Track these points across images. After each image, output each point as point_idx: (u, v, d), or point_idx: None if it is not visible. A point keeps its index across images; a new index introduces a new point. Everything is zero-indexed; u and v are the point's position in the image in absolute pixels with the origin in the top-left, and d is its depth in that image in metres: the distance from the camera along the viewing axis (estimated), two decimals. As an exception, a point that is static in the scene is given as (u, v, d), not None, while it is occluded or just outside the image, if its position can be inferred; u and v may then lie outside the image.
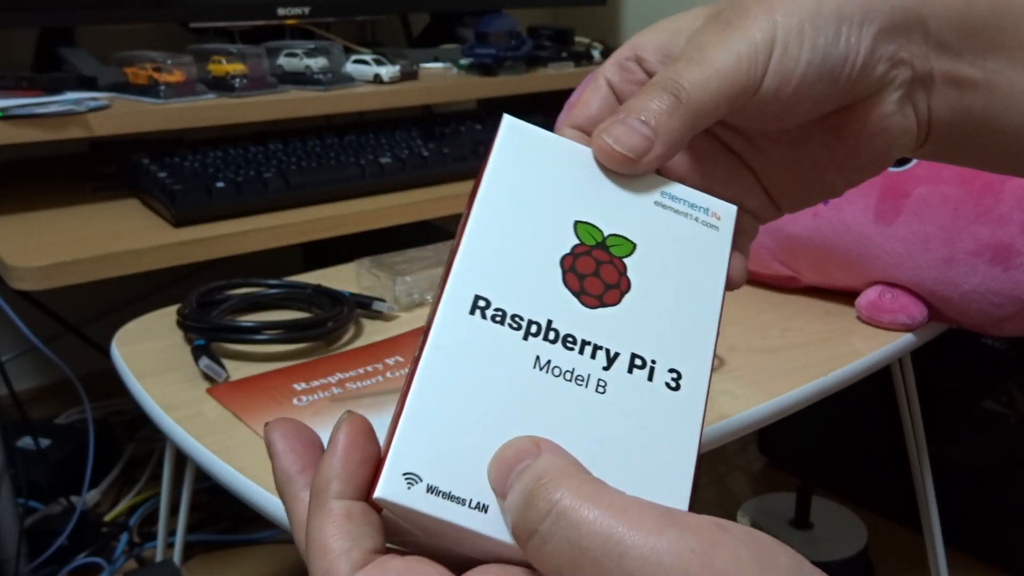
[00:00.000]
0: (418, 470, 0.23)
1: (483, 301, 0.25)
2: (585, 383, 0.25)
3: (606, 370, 0.26)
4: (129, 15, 1.10)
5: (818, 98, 0.30)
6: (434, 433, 0.23)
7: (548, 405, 0.25)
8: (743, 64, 0.28)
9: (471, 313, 0.25)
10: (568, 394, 0.25)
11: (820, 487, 1.30)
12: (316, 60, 1.12)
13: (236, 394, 0.65)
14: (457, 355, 0.24)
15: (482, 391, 0.24)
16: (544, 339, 0.25)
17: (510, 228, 0.27)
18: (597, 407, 0.25)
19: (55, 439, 1.26)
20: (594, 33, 1.54)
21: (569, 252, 0.27)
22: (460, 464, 0.23)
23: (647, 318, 0.27)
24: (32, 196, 1.01)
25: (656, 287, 0.27)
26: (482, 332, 0.25)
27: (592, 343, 0.26)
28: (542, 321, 0.26)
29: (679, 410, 0.26)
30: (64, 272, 0.82)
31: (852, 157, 0.33)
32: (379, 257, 0.86)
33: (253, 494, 0.53)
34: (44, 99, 0.92)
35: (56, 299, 1.23)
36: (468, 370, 0.24)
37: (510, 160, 0.28)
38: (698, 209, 0.29)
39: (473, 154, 1.13)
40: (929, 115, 0.32)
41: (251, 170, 0.99)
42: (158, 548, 0.94)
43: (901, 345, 0.76)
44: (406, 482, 0.23)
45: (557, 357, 0.25)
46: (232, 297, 0.79)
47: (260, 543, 1.23)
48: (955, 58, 0.31)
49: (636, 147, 0.28)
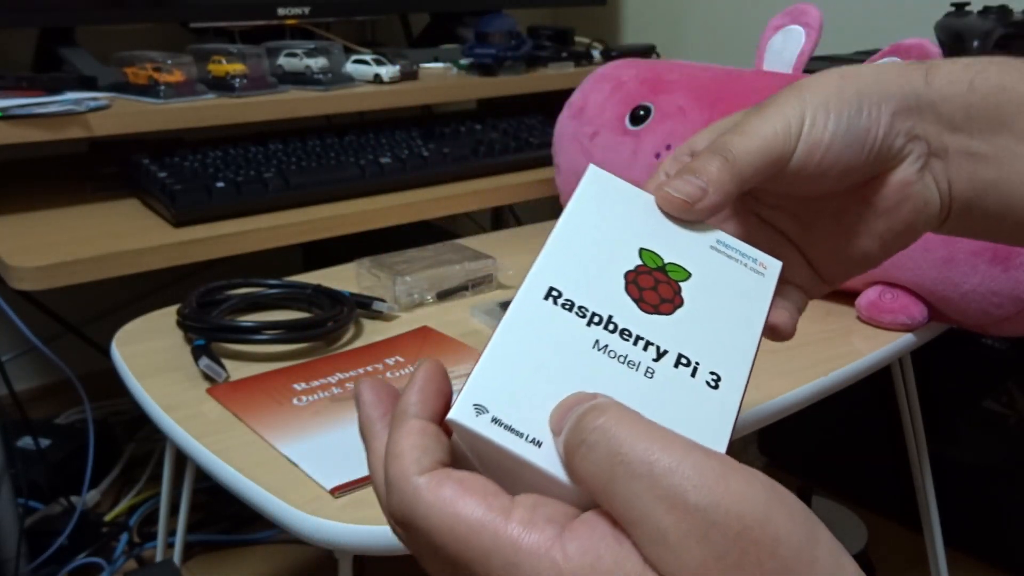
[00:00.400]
0: (486, 403, 0.27)
1: (556, 292, 0.30)
2: (636, 367, 0.29)
3: (655, 361, 0.30)
4: (129, 15, 1.10)
5: (847, 164, 0.35)
6: (503, 378, 0.28)
7: (601, 376, 0.29)
8: (779, 134, 0.34)
9: (544, 299, 0.30)
10: (620, 373, 0.29)
11: (820, 487, 1.30)
12: (316, 60, 1.12)
13: (236, 394, 0.65)
14: (530, 325, 0.29)
15: (547, 354, 0.29)
16: (604, 328, 0.30)
17: (586, 242, 0.32)
18: (643, 388, 0.29)
19: (55, 439, 1.26)
20: (594, 33, 1.54)
21: (633, 269, 0.32)
22: (521, 405, 0.27)
23: (695, 330, 0.31)
24: (32, 196, 1.01)
25: (705, 308, 0.32)
26: (552, 314, 0.30)
27: (645, 339, 0.30)
28: (604, 315, 0.30)
29: (715, 406, 0.29)
30: (64, 272, 0.82)
31: (884, 225, 0.37)
32: (379, 257, 0.86)
33: (253, 494, 0.53)
34: (44, 99, 0.92)
35: (56, 299, 1.23)
36: (538, 337, 0.29)
37: (591, 195, 0.34)
38: (747, 258, 0.34)
39: (473, 154, 1.13)
40: (949, 186, 0.36)
41: (251, 170, 0.99)
42: (158, 548, 0.94)
43: (901, 345, 0.76)
44: (475, 410, 0.27)
45: (614, 343, 0.29)
46: (232, 297, 0.79)
47: (260, 543, 1.23)
48: (966, 135, 0.35)
49: (692, 194, 0.34)
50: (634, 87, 0.97)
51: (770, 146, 0.34)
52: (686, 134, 0.89)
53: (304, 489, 0.53)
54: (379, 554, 0.49)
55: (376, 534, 0.49)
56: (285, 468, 0.55)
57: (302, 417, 0.61)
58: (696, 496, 0.23)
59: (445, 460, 0.27)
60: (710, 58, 1.28)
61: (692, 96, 0.91)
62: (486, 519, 0.25)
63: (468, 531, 0.25)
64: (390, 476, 0.27)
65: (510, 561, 0.24)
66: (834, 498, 1.29)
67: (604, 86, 1.00)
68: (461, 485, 0.26)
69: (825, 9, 0.89)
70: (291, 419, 0.61)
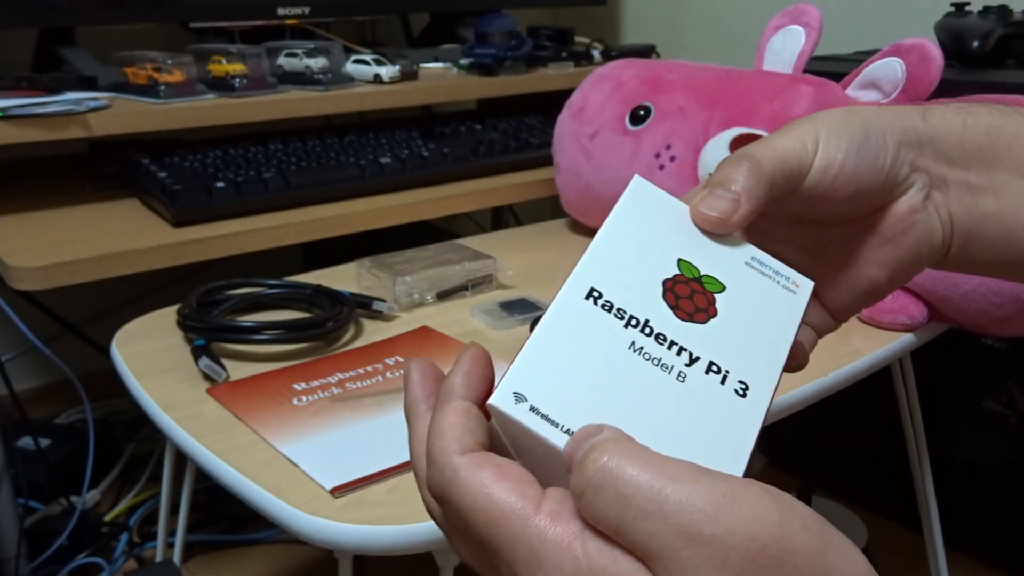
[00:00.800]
0: (526, 392, 0.28)
1: (596, 292, 0.31)
2: (669, 371, 0.30)
3: (687, 366, 0.31)
4: (129, 15, 1.10)
5: (858, 186, 0.36)
6: (543, 370, 0.29)
7: (635, 377, 0.30)
8: (797, 146, 0.36)
9: (585, 299, 0.31)
10: (653, 374, 0.30)
11: (820, 487, 1.30)
12: (316, 60, 1.12)
13: (236, 394, 0.65)
14: (571, 321, 0.30)
15: (586, 350, 0.30)
16: (640, 331, 0.31)
17: (627, 249, 0.33)
18: (675, 391, 0.30)
19: (55, 439, 1.26)
20: (594, 33, 1.54)
21: (671, 277, 0.33)
22: (559, 396, 0.28)
23: (727, 340, 0.32)
24: (32, 196, 1.01)
25: (737, 321, 0.33)
26: (592, 314, 0.31)
27: (679, 344, 0.31)
28: (641, 318, 0.31)
29: (742, 413, 0.30)
30: (64, 272, 0.82)
31: (892, 253, 0.39)
32: (379, 257, 0.86)
33: (253, 494, 0.53)
34: (44, 99, 0.92)
35: (56, 299, 1.23)
36: (578, 333, 0.30)
37: (634, 205, 0.35)
38: (780, 275, 0.36)
39: (473, 154, 1.13)
40: (950, 216, 0.38)
41: (251, 170, 0.99)
42: (158, 548, 0.94)
43: (901, 345, 0.76)
44: (515, 398, 0.28)
45: (649, 346, 0.30)
46: (232, 297, 0.79)
47: (260, 543, 1.23)
48: (963, 169, 0.37)
49: (726, 210, 0.35)
50: (634, 87, 0.97)
51: (789, 156, 0.35)
52: (686, 134, 0.89)
53: (304, 489, 0.53)
54: (379, 554, 0.50)
55: (376, 534, 0.49)
56: (285, 468, 0.55)
57: (302, 417, 0.61)
58: (711, 527, 0.24)
59: (485, 443, 0.29)
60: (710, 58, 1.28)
61: (692, 96, 0.91)
62: (517, 506, 0.26)
63: (500, 515, 0.26)
64: (432, 452, 0.28)
65: (535, 550, 0.25)
66: (834, 498, 1.29)
67: (604, 86, 1.00)
68: (499, 469, 0.27)
69: (825, 9, 0.89)
70: (291, 419, 0.61)
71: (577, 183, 1.00)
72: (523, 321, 0.78)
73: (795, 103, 0.83)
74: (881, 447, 1.24)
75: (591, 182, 0.98)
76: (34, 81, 0.97)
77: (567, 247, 1.02)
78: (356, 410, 0.62)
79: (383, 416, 0.62)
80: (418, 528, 0.49)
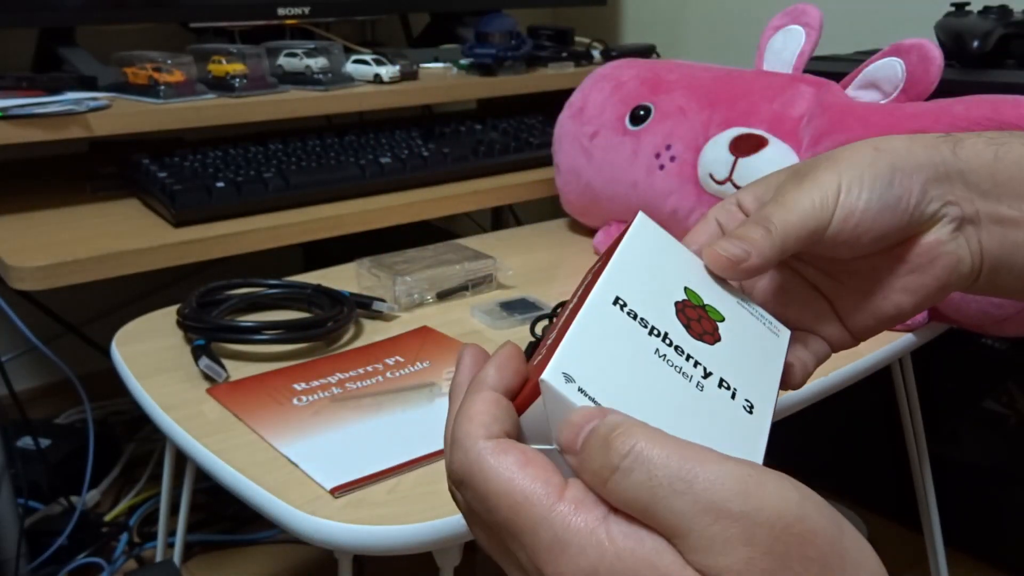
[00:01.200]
0: (573, 374, 0.29)
1: (621, 301, 0.33)
2: (689, 379, 0.32)
3: (703, 378, 0.33)
4: (129, 15, 1.10)
5: (880, 231, 0.37)
6: (586, 356, 0.30)
7: (662, 378, 0.32)
8: (816, 206, 0.37)
9: (613, 304, 0.33)
10: (677, 379, 0.32)
11: (820, 487, 1.30)
12: (316, 60, 1.12)
13: (236, 394, 0.65)
14: (603, 320, 0.32)
15: (619, 348, 0.32)
16: (662, 340, 0.33)
17: (641, 271, 0.36)
18: (693, 398, 0.32)
19: (55, 439, 1.26)
20: (594, 33, 1.54)
21: (680, 301, 0.36)
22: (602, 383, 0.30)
23: (731, 363, 0.35)
24: (32, 196, 1.01)
25: (737, 347, 0.36)
26: (620, 317, 0.33)
27: (694, 358, 0.33)
28: (661, 329, 0.33)
29: (750, 428, 0.33)
30: (64, 272, 0.82)
31: (918, 281, 0.39)
32: (379, 257, 0.86)
33: (253, 494, 0.53)
34: (44, 99, 0.92)
35: (56, 299, 1.23)
36: (611, 330, 0.32)
37: (642, 237, 0.38)
38: (765, 319, 0.39)
39: (473, 154, 1.13)
40: (980, 248, 0.39)
41: (251, 170, 0.99)
42: (158, 548, 0.94)
43: (901, 345, 0.76)
44: (564, 377, 0.29)
45: (670, 355, 0.33)
46: (232, 297, 0.79)
47: (260, 543, 1.23)
48: (995, 201, 0.38)
49: (736, 256, 0.37)
50: (634, 87, 0.97)
51: (808, 218, 0.37)
52: (686, 134, 0.89)
53: (304, 489, 0.53)
54: (379, 554, 0.50)
55: (376, 534, 0.49)
56: (285, 468, 0.55)
57: (302, 417, 0.61)
58: (740, 505, 0.25)
59: (512, 433, 0.30)
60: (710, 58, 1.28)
61: (692, 96, 0.91)
62: (541, 492, 0.27)
63: (523, 500, 0.27)
64: (457, 435, 0.29)
65: (558, 537, 0.26)
66: (834, 498, 1.29)
67: (604, 86, 1.00)
68: (524, 456, 0.28)
69: (825, 9, 0.89)
70: (291, 419, 0.61)
71: (577, 183, 1.00)
72: (523, 321, 0.78)
73: (795, 103, 0.83)
74: (881, 447, 1.24)
75: (591, 182, 0.98)
76: (34, 81, 0.97)
77: (567, 247, 1.02)
78: (356, 410, 0.62)
79: (383, 416, 0.62)
80: (418, 528, 0.49)
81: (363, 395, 0.65)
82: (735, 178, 0.82)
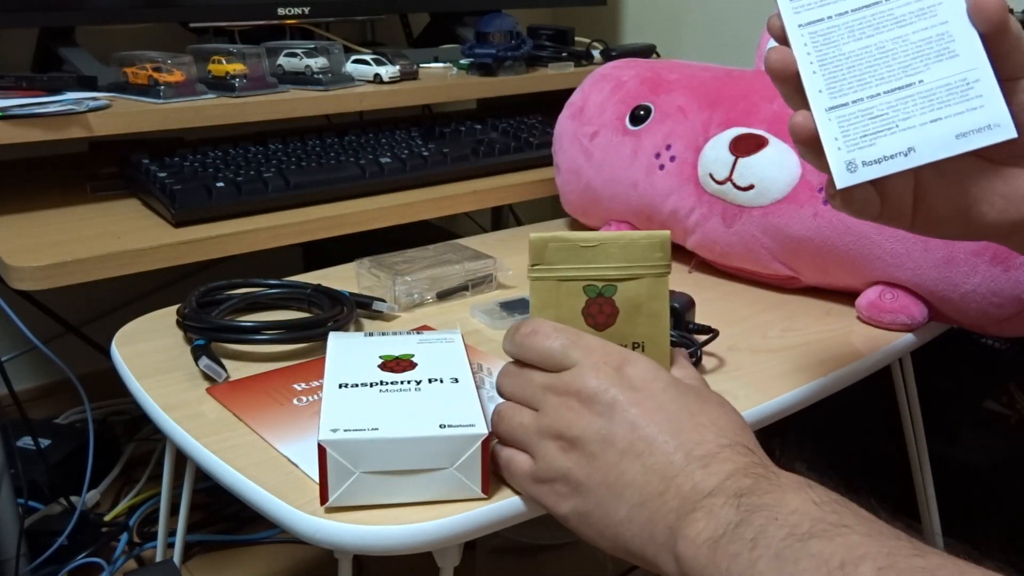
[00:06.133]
0: (336, 427, 0.52)
1: (344, 383, 0.56)
2: (414, 389, 0.56)
3: (418, 384, 0.57)
4: (129, 15, 1.10)
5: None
6: (339, 414, 0.54)
7: (396, 400, 0.55)
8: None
9: (340, 388, 0.56)
10: (407, 395, 0.56)
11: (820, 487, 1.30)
12: (316, 60, 1.12)
13: (236, 394, 0.65)
14: (339, 395, 0.56)
15: (355, 399, 0.56)
16: (380, 385, 0.57)
17: (347, 358, 0.61)
18: (422, 396, 0.55)
19: (55, 439, 1.25)
20: (594, 33, 1.54)
21: (380, 361, 0.60)
22: (349, 421, 0.53)
23: (432, 369, 0.58)
24: (32, 196, 1.01)
25: (429, 361, 0.59)
26: (348, 390, 0.56)
27: (407, 379, 0.57)
28: (376, 380, 0.57)
29: (466, 389, 0.56)
30: (64, 272, 0.82)
31: (1008, 190, 0.46)
32: (379, 257, 0.86)
33: (253, 494, 0.53)
34: (44, 99, 0.92)
35: (56, 299, 1.23)
36: (348, 395, 0.56)
37: (336, 342, 0.63)
38: (443, 338, 0.63)
39: (473, 154, 1.13)
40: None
41: (251, 170, 0.99)
42: (158, 548, 0.94)
43: (901, 345, 0.76)
44: (332, 432, 0.51)
45: (391, 387, 0.57)
46: (232, 297, 0.79)
47: (260, 543, 1.23)
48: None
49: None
50: (634, 87, 0.97)
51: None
52: (686, 134, 0.89)
53: (304, 489, 0.53)
54: (379, 554, 0.49)
55: (376, 534, 0.49)
56: (285, 468, 0.55)
57: (302, 417, 0.61)
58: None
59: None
60: (710, 58, 1.28)
61: (692, 96, 0.91)
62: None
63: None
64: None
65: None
66: (834, 498, 1.29)
67: (604, 86, 1.00)
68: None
69: (825, 9, 0.89)
70: (291, 419, 0.61)
71: (577, 183, 1.00)
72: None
73: (795, 103, 0.83)
74: (881, 447, 1.24)
75: (591, 182, 0.98)
76: (34, 81, 0.97)
77: (567, 247, 1.02)
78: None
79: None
80: (418, 528, 0.49)
81: (363, 395, 0.65)
82: (735, 178, 0.82)
